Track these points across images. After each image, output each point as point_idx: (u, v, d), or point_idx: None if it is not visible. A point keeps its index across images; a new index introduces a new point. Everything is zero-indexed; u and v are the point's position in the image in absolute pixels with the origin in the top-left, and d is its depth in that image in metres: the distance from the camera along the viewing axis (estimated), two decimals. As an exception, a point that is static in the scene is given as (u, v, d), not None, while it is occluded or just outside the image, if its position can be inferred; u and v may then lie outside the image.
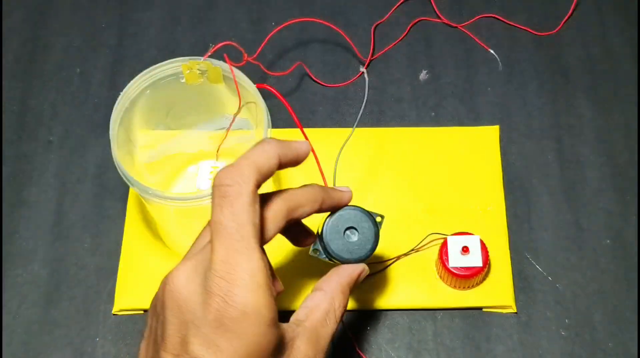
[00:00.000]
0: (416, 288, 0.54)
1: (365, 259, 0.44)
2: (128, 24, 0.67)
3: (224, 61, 0.48)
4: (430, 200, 0.57)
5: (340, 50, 0.65)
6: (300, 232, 0.44)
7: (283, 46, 0.65)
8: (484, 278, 0.53)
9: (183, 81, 0.50)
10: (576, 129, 0.61)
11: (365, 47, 0.65)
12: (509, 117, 0.61)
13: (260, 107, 0.48)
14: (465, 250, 0.52)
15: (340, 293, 0.41)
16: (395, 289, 0.54)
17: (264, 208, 0.38)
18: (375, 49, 0.65)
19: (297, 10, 0.67)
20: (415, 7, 0.67)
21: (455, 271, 0.52)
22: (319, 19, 0.64)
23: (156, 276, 0.54)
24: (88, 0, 0.69)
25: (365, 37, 0.65)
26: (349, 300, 0.42)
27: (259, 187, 0.37)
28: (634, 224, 0.56)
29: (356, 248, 0.43)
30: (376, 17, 0.66)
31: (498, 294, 0.53)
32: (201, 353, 0.33)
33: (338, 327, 0.41)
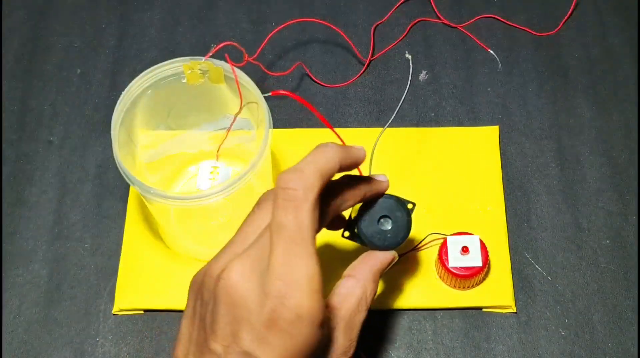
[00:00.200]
0: (416, 288, 0.54)
1: (396, 247, 0.45)
2: (128, 24, 0.67)
3: (225, 61, 0.48)
4: (430, 200, 0.57)
5: (340, 50, 0.65)
6: (335, 218, 0.45)
7: (283, 46, 0.65)
8: (483, 278, 0.54)
9: (184, 81, 0.50)
10: (576, 129, 0.61)
11: (365, 48, 0.65)
12: (509, 117, 0.62)
13: (261, 107, 0.48)
14: (465, 250, 0.52)
15: (371, 281, 0.43)
16: (395, 289, 0.54)
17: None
18: (375, 49, 0.65)
19: (297, 11, 0.67)
20: (415, 8, 0.67)
21: (455, 271, 0.52)
22: (319, 19, 0.65)
23: (156, 276, 0.55)
24: (88, 1, 0.69)
25: (365, 38, 0.65)
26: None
27: (320, 193, 0.38)
28: (634, 224, 0.57)
29: (389, 235, 0.44)
30: (376, 18, 0.67)
31: (498, 294, 0.53)
32: (252, 348, 0.35)
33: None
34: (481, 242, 0.52)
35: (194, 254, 0.55)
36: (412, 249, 0.55)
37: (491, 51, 0.64)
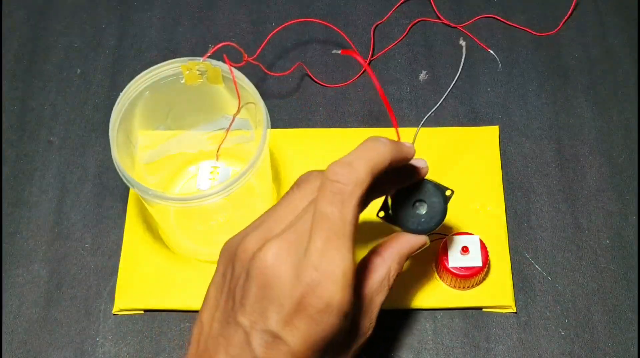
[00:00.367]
0: (416, 288, 0.54)
1: (429, 232, 0.44)
2: (128, 24, 0.67)
3: (224, 61, 0.48)
4: (430, 200, 0.57)
5: (340, 50, 0.65)
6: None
7: (283, 46, 0.65)
8: (483, 278, 0.54)
9: (183, 81, 0.50)
10: (576, 129, 0.61)
11: (365, 48, 0.65)
12: (509, 117, 0.61)
13: (259, 107, 0.48)
14: (465, 249, 0.52)
15: (397, 263, 0.43)
16: (395, 289, 0.54)
17: None
18: (375, 49, 0.65)
19: (297, 11, 0.67)
20: (415, 8, 0.67)
21: (455, 271, 0.52)
22: (319, 19, 0.65)
23: (156, 276, 0.55)
24: (88, 1, 0.69)
25: (365, 38, 0.65)
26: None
27: (368, 189, 0.38)
28: (634, 224, 0.57)
29: (423, 220, 0.44)
30: (376, 18, 0.67)
31: (498, 294, 0.53)
32: (277, 329, 0.35)
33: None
34: (481, 242, 0.52)
35: (193, 254, 0.55)
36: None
37: (491, 51, 0.64)
